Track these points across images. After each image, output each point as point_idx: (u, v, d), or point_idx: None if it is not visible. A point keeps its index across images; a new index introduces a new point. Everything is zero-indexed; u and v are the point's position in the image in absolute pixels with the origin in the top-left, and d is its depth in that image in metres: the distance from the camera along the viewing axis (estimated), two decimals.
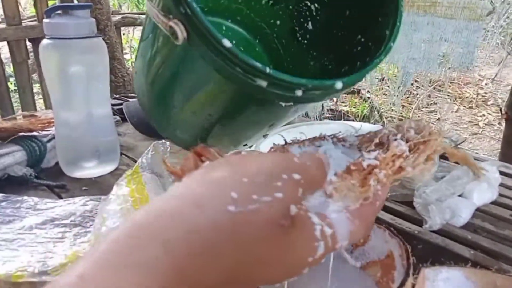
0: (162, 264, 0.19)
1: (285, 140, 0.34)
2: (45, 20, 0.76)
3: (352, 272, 0.55)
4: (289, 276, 0.23)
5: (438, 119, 2.57)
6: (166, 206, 0.21)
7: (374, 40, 0.41)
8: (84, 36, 0.75)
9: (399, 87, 0.88)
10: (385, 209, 0.63)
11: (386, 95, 2.17)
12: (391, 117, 2.47)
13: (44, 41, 0.76)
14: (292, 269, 0.23)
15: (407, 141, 0.30)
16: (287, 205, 0.22)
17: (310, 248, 0.22)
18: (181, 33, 0.33)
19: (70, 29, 0.74)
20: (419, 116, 2.54)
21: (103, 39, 0.80)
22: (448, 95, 2.75)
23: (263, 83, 0.34)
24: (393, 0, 0.41)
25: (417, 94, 2.35)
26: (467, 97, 2.72)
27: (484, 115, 2.66)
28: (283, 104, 0.37)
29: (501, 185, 0.67)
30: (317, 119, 1.09)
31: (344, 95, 1.72)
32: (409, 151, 0.29)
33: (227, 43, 0.33)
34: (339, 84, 0.36)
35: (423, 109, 2.50)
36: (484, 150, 2.32)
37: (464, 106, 2.66)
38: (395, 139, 0.30)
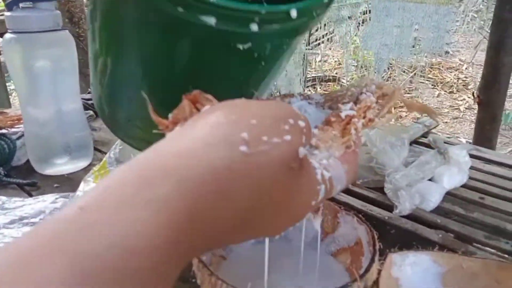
0: (174, 202, 0.17)
1: (257, 97, 0.34)
2: (7, 13, 0.73)
3: (323, 259, 0.56)
4: (293, 222, 0.23)
5: None
6: (177, 146, 0.20)
7: None
8: (48, 30, 0.73)
9: (374, 73, 0.88)
10: (356, 195, 0.63)
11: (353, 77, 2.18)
12: None
13: (7, 35, 0.73)
14: (297, 214, 0.23)
15: (372, 93, 0.32)
16: (296, 148, 0.22)
17: (314, 191, 0.23)
18: None
19: (33, 22, 0.72)
20: (400, 102, 2.56)
21: (77, 32, 0.78)
22: (429, 80, 2.77)
23: (212, 20, 0.32)
24: None
25: (398, 80, 2.36)
26: (447, 82, 2.75)
27: (465, 99, 2.69)
28: (241, 46, 0.35)
29: (472, 168, 0.67)
30: None
31: (323, 83, 1.71)
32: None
33: None
34: (293, 12, 0.34)
35: (404, 95, 2.52)
36: (465, 133, 2.35)
37: (445, 91, 2.68)
38: (362, 93, 0.32)
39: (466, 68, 2.78)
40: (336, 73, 2.11)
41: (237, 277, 0.46)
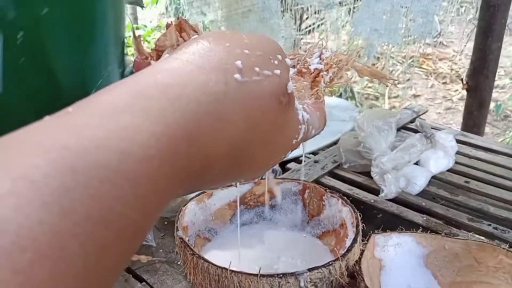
0: (170, 116, 0.16)
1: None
2: None
3: (309, 241, 0.56)
4: (273, 161, 0.23)
5: (413, 95, 2.59)
6: (171, 67, 0.19)
7: None
8: None
9: (364, 58, 0.88)
10: (343, 179, 0.64)
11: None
12: (367, 93, 2.48)
13: None
14: (278, 151, 0.23)
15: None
16: (285, 82, 0.22)
17: (296, 129, 0.24)
18: None
19: None
20: (394, 92, 2.56)
21: None
22: (423, 71, 2.77)
23: None
24: None
25: (392, 71, 2.36)
26: (441, 72, 2.75)
27: (457, 90, 2.70)
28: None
29: (458, 153, 0.68)
30: None
31: None
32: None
33: None
34: None
35: (398, 85, 2.52)
36: (457, 124, 2.36)
37: (438, 82, 2.69)
38: (322, 53, 0.34)
39: (460, 59, 2.79)
40: None
41: (219, 257, 0.46)
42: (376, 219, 0.57)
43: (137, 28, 3.06)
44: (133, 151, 0.15)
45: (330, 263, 0.40)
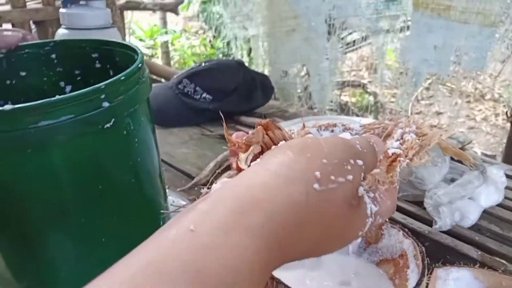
0: (267, 230, 0.20)
1: (303, 124, 0.37)
2: (62, 10, 0.76)
3: (367, 267, 0.58)
4: (342, 246, 0.27)
5: (436, 112, 2.60)
6: (262, 179, 0.22)
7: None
8: (101, 27, 0.76)
9: (411, 86, 0.90)
10: (397, 208, 0.65)
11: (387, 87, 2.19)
12: (390, 108, 2.49)
13: (60, 31, 0.76)
14: (347, 241, 0.27)
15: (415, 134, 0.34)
16: (356, 187, 0.25)
17: (363, 224, 0.26)
18: None
19: (88, 19, 0.75)
20: (417, 108, 2.57)
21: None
22: (446, 89, 2.78)
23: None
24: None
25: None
26: (464, 91, 2.75)
27: (481, 110, 2.70)
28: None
29: (507, 187, 0.69)
30: (322, 112, 1.11)
31: (351, 88, 1.73)
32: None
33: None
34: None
35: (421, 102, 2.52)
36: (480, 144, 2.36)
37: (462, 100, 2.69)
38: (405, 133, 0.34)
39: (483, 79, 2.79)
40: (364, 79, 2.13)
41: (286, 279, 0.49)
42: (429, 249, 0.59)
43: (166, 33, 3.10)
44: (242, 268, 0.19)
45: None
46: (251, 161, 0.27)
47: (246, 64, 1.11)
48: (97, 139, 0.38)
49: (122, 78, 0.38)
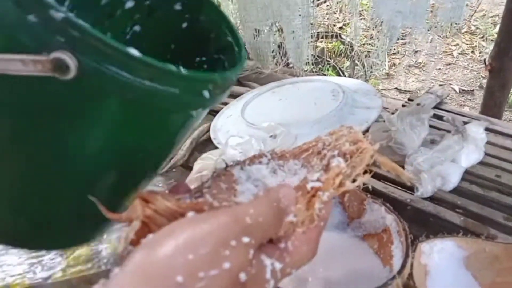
0: None
1: (226, 164, 0.33)
2: None
3: (352, 241, 0.58)
4: None
5: (413, 50, 2.56)
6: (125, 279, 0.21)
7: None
8: None
9: (387, 41, 0.85)
10: (376, 175, 0.64)
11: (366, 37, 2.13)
12: (367, 51, 2.44)
13: None
14: None
15: (344, 155, 0.31)
16: (236, 273, 0.22)
17: None
18: (72, 61, 0.27)
19: None
20: (394, 49, 2.52)
21: None
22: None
23: (176, 90, 0.30)
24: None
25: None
26: (441, 26, 2.69)
27: (458, 44, 2.67)
28: (194, 112, 0.34)
29: (487, 142, 0.68)
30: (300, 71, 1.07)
31: (325, 39, 1.66)
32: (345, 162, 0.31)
33: (134, 52, 0.28)
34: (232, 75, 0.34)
35: (398, 41, 2.47)
36: (457, 80, 2.36)
37: (438, 36, 2.64)
38: (333, 156, 0.31)
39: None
40: (340, 31, 2.05)
41: None
42: (412, 218, 0.59)
43: None
44: None
45: (389, 282, 0.42)
46: (142, 237, 0.23)
47: None
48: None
49: (233, 76, 0.33)
